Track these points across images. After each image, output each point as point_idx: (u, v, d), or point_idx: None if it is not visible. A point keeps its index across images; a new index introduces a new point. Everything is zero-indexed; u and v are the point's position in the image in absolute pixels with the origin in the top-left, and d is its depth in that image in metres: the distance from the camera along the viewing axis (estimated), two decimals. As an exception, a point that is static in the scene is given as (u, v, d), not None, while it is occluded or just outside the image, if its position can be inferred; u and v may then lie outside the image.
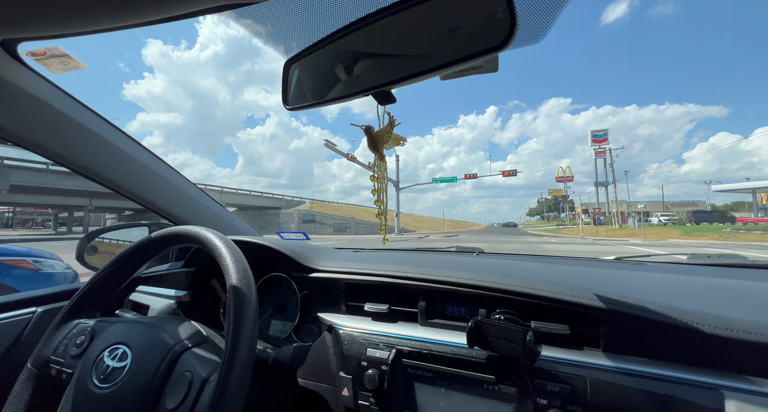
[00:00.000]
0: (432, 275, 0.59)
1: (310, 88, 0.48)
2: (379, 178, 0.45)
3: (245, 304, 0.47)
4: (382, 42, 0.40)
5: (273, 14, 0.48)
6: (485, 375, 0.49)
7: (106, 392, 0.47)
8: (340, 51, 0.43)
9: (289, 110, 0.49)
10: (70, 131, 0.67)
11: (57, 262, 3.07)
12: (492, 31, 0.30)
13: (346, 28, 0.40)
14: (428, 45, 0.36)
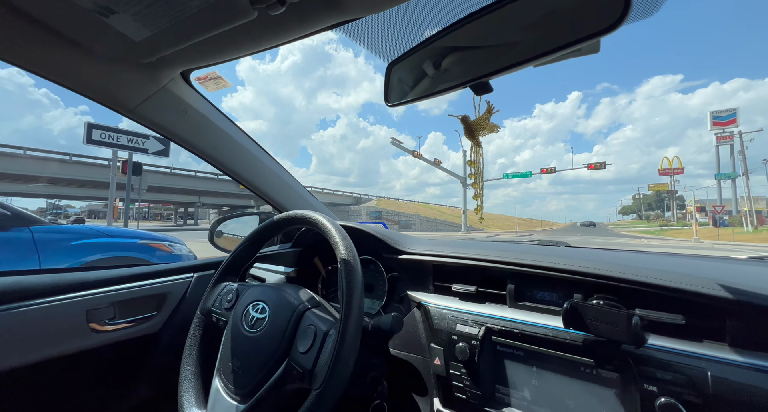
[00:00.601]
0: (523, 259, 0.61)
1: (411, 85, 0.54)
2: (476, 164, 0.49)
3: (354, 273, 0.56)
4: (480, 37, 0.44)
5: (378, 26, 0.55)
6: (582, 358, 0.49)
7: (255, 335, 0.61)
8: (439, 50, 0.48)
9: (390, 106, 0.57)
10: (217, 136, 0.86)
11: (183, 246, 3.82)
12: (601, 12, 0.31)
13: (445, 30, 0.45)
14: (529, 35, 0.39)
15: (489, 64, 0.42)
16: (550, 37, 0.36)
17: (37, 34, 0.54)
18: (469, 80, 0.44)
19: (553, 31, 0.36)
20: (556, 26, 0.36)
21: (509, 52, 0.41)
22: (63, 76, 0.64)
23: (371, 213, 33.55)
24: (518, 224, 49.79)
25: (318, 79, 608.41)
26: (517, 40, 0.40)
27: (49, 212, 43.31)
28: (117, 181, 11.01)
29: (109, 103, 0.70)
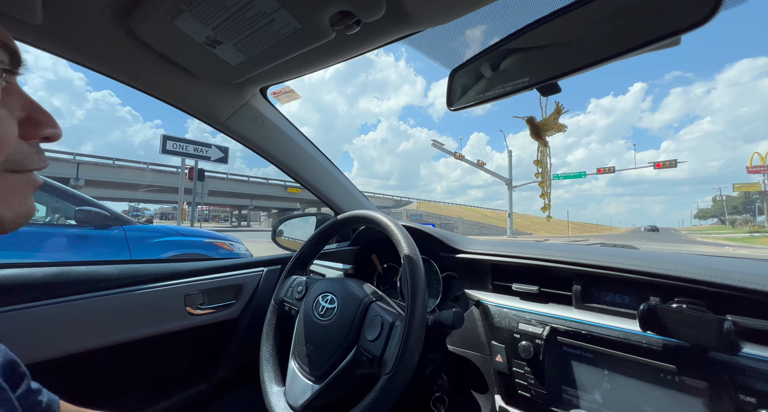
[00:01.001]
0: (591, 260, 0.59)
1: (474, 89, 0.56)
2: (543, 163, 0.50)
3: (418, 268, 0.59)
4: (551, 39, 0.45)
5: (442, 34, 0.59)
6: (662, 363, 0.47)
7: (326, 323, 0.67)
8: (504, 53, 0.50)
9: (452, 111, 0.59)
10: (287, 144, 0.95)
11: (240, 245, 4.18)
12: (691, 3, 0.30)
13: (513, 35, 0.47)
14: (606, 34, 0.39)
15: (558, 66, 0.43)
16: (629, 34, 0.36)
17: (154, 62, 0.66)
18: (537, 82, 0.45)
19: (633, 29, 0.36)
20: (637, 23, 0.36)
21: (582, 53, 0.41)
22: (170, 95, 0.76)
23: (412, 216, 33.43)
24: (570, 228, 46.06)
25: (359, 84, 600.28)
26: (592, 39, 0.41)
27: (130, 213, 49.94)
28: (185, 186, 12.33)
29: (205, 118, 0.82)
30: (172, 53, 0.63)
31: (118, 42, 0.60)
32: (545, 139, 0.49)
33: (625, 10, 0.36)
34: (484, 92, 0.53)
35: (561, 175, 31.32)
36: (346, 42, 0.58)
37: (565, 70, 0.42)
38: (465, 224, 35.19)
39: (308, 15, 0.50)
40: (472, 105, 0.56)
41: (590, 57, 0.39)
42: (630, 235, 48.66)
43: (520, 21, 0.45)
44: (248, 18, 0.52)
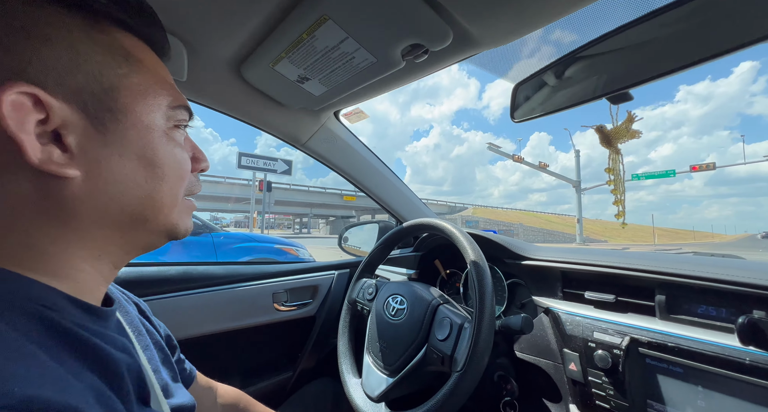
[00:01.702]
0: (676, 269, 0.56)
1: (539, 101, 0.58)
2: (615, 171, 0.50)
3: (485, 273, 0.62)
4: (622, 47, 0.46)
5: (505, 52, 0.62)
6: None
7: (397, 322, 0.73)
8: (572, 65, 0.51)
9: (516, 122, 0.62)
10: (356, 159, 1.06)
11: (305, 251, 4.52)
12: (753, 18, 0.30)
13: (581, 48, 0.49)
14: (664, 49, 0.39)
15: (631, 74, 0.44)
16: (687, 50, 0.36)
17: (254, 97, 0.81)
18: (607, 92, 0.46)
19: (690, 46, 0.36)
20: (694, 41, 0.36)
21: (656, 61, 0.42)
22: (263, 123, 0.92)
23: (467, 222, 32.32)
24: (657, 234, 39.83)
25: (411, 92, 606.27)
26: (670, 48, 0.41)
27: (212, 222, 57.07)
28: (255, 197, 13.73)
29: (289, 140, 0.97)
30: (269, 90, 0.77)
31: (228, 85, 0.76)
32: (617, 147, 0.49)
33: (713, 11, 0.36)
34: (549, 104, 0.55)
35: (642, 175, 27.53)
36: (414, 68, 0.65)
37: (638, 79, 0.42)
38: (527, 230, 32.85)
39: (383, 50, 0.58)
40: (537, 117, 0.58)
41: (668, 65, 0.39)
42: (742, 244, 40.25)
43: (587, 35, 0.47)
44: (333, 58, 0.62)
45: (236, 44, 0.64)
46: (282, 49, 0.61)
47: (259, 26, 0.58)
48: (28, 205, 0.24)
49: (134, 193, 0.29)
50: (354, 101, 0.85)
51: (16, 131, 0.22)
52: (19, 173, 0.24)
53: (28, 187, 0.24)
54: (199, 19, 0.58)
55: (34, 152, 0.23)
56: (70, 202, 0.26)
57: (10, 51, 0.23)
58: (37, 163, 0.23)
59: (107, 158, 0.27)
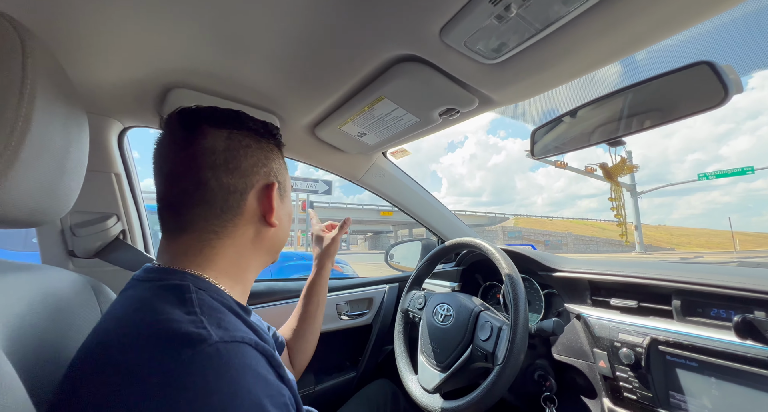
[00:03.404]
0: (685, 276, 0.65)
1: (552, 142, 0.73)
2: (617, 199, 0.62)
3: (518, 283, 0.75)
4: (609, 109, 0.60)
5: (521, 105, 0.78)
6: None
7: (445, 326, 0.87)
8: (576, 118, 0.66)
9: (535, 159, 0.76)
10: (401, 188, 1.25)
11: (348, 267, 4.76)
12: (707, 95, 0.44)
13: (580, 107, 0.63)
14: (650, 108, 0.53)
15: (620, 128, 0.57)
16: (669, 110, 0.49)
17: (321, 147, 1.03)
18: (604, 139, 0.60)
19: (666, 108, 0.49)
20: (668, 105, 0.49)
21: (637, 121, 0.55)
22: (328, 165, 1.15)
23: (509, 233, 30.96)
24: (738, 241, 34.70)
25: None
26: (644, 113, 0.54)
27: (258, 241, 60.53)
28: (298, 217, 14.52)
29: (348, 177, 1.18)
30: (335, 143, 0.99)
31: (304, 141, 0.99)
32: (617, 181, 0.61)
33: (661, 93, 0.50)
34: (560, 146, 0.69)
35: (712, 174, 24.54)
36: (447, 122, 0.83)
37: (628, 131, 0.55)
38: (576, 239, 30.58)
39: (425, 114, 0.77)
40: (552, 155, 0.72)
41: (641, 125, 0.52)
42: None
43: (588, 94, 0.61)
44: (386, 120, 0.82)
45: (314, 114, 0.86)
46: (348, 117, 0.83)
47: (332, 103, 0.80)
48: (249, 241, 0.46)
49: (283, 235, 0.50)
50: (400, 144, 1.04)
51: (272, 204, 0.46)
52: (251, 224, 0.45)
53: (252, 231, 0.46)
54: (290, 102, 0.81)
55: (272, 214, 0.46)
56: (267, 240, 0.47)
57: (267, 165, 0.46)
58: (270, 219, 0.46)
59: (282, 217, 0.48)
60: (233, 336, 0.33)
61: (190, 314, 0.33)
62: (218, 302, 0.38)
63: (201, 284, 0.39)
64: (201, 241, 0.42)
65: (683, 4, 0.42)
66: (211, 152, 0.42)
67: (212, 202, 0.42)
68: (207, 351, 0.30)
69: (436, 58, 0.60)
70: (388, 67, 0.65)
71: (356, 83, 0.72)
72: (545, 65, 0.58)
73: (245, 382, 0.30)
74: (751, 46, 37.69)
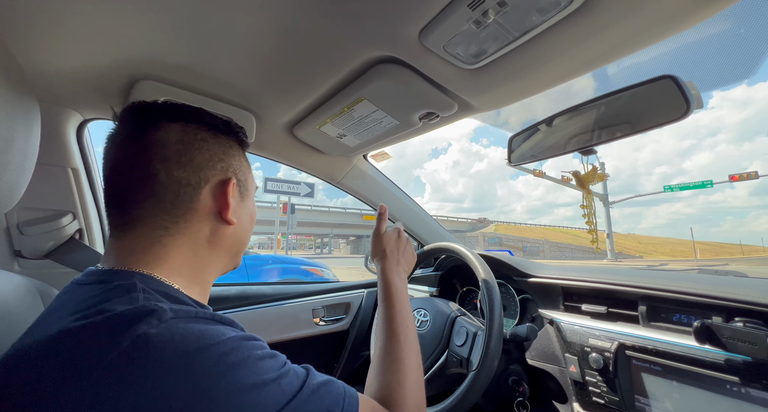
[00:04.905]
0: (650, 283, 0.68)
1: (529, 150, 0.74)
2: (588, 206, 0.64)
3: (493, 289, 0.76)
4: (582, 119, 0.61)
5: (499, 111, 0.79)
6: (727, 376, 0.54)
7: (422, 332, 0.86)
8: (551, 126, 0.67)
9: (511, 166, 0.77)
10: (381, 191, 1.24)
11: (329, 271, 4.69)
12: (671, 108, 0.46)
13: (555, 115, 0.65)
14: (618, 121, 0.55)
15: (592, 138, 0.59)
16: (635, 122, 0.51)
17: (300, 148, 1.01)
18: (577, 148, 0.61)
19: (636, 118, 0.51)
20: (638, 116, 0.51)
21: (607, 131, 0.57)
22: (306, 166, 1.12)
23: (489, 239, 31.61)
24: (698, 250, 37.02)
25: None
26: (613, 124, 0.56)
27: (236, 243, 58.74)
28: (279, 219, 14.26)
29: (327, 179, 1.16)
30: (314, 143, 0.97)
31: (283, 141, 0.97)
32: (588, 189, 0.63)
33: (629, 105, 0.52)
34: (536, 153, 0.70)
35: (676, 186, 26.15)
36: (428, 126, 0.83)
37: (595, 141, 0.57)
38: (553, 246, 31.62)
39: (405, 117, 0.77)
40: (528, 162, 0.73)
41: (611, 135, 0.54)
42: (796, 257, 36.73)
43: (562, 105, 0.63)
44: (366, 122, 0.81)
45: (292, 114, 0.84)
46: (327, 117, 0.81)
47: (311, 103, 0.79)
48: (204, 239, 0.43)
49: (243, 235, 0.48)
50: (380, 147, 1.04)
51: (228, 200, 0.43)
52: (206, 221, 0.43)
53: (208, 228, 0.43)
54: (267, 100, 0.79)
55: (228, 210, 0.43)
56: (224, 239, 0.45)
57: (225, 161, 0.44)
58: (226, 215, 0.43)
59: (242, 216, 0.46)
60: (188, 311, 0.33)
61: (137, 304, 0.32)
62: (172, 298, 0.36)
63: (151, 283, 0.36)
64: (150, 238, 0.39)
65: (652, 18, 0.44)
66: (162, 144, 0.40)
67: (162, 197, 0.39)
68: (165, 325, 0.29)
69: (416, 61, 0.60)
70: (368, 68, 0.65)
71: (336, 83, 0.70)
72: (523, 73, 0.59)
73: (218, 330, 0.31)
74: (709, 68, 40.46)
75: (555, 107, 0.65)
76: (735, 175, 22.67)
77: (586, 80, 0.59)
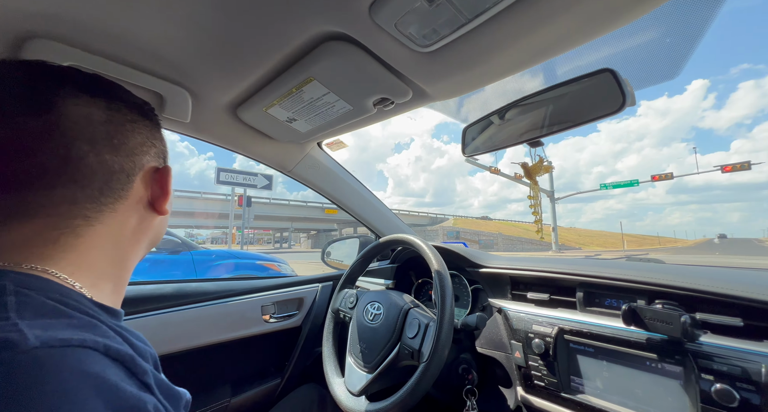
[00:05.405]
0: (588, 271, 0.72)
1: (482, 141, 0.74)
2: (535, 197, 0.65)
3: (446, 280, 0.76)
4: (531, 110, 0.62)
5: (454, 101, 0.78)
6: (647, 354, 0.59)
7: (375, 325, 0.84)
8: (503, 118, 0.68)
9: (466, 157, 0.78)
10: (337, 181, 1.19)
11: (287, 266, 4.53)
12: (609, 101, 0.48)
13: (506, 106, 0.65)
14: (562, 112, 0.56)
15: (539, 129, 0.60)
16: (578, 113, 0.53)
17: (248, 133, 0.93)
18: (526, 139, 0.62)
19: (579, 111, 0.53)
20: (580, 108, 0.53)
21: (553, 121, 0.58)
22: (254, 153, 1.03)
23: (448, 233, 32.87)
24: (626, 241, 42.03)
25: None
26: (558, 115, 0.58)
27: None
28: (234, 212, 13.47)
29: (278, 167, 1.09)
30: (262, 128, 0.89)
31: (225, 124, 0.88)
32: (535, 180, 0.65)
33: (573, 98, 0.53)
34: (488, 145, 0.71)
35: (610, 184, 29.23)
36: (384, 113, 0.80)
37: (542, 133, 0.58)
38: (505, 239, 33.79)
39: (358, 101, 0.73)
40: (481, 153, 0.73)
41: (556, 127, 0.55)
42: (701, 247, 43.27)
43: (508, 95, 0.63)
44: (317, 105, 0.76)
45: (234, 93, 0.76)
46: (274, 98, 0.74)
47: (255, 81, 0.71)
48: (129, 231, 0.39)
49: (165, 224, 0.43)
50: (335, 134, 0.99)
51: (168, 189, 0.40)
52: (135, 211, 0.39)
53: (135, 219, 0.39)
54: (204, 74, 0.70)
55: None
56: (150, 230, 0.41)
57: (157, 146, 0.41)
58: (162, 206, 0.40)
59: (166, 203, 0.41)
60: (66, 340, 0.25)
61: None
62: (58, 303, 0.29)
63: (32, 283, 0.29)
64: (58, 228, 0.33)
65: (597, 10, 0.45)
66: (86, 123, 0.34)
67: (86, 183, 0.34)
68: (17, 359, 0.22)
69: (368, 40, 0.56)
70: (317, 44, 0.60)
71: (282, 60, 0.64)
72: (476, 60, 0.58)
73: (81, 393, 0.23)
74: (640, 68, 46.68)
75: (506, 99, 0.66)
76: (656, 176, 25.91)
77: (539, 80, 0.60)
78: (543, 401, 0.70)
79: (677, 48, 2.09)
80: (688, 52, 6.08)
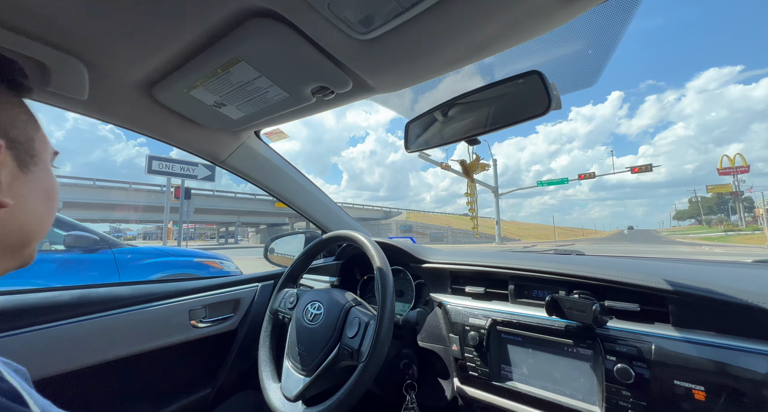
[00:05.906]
0: (518, 265, 0.76)
1: (424, 137, 0.74)
2: (472, 194, 0.67)
3: (387, 278, 0.75)
4: (470, 109, 0.63)
5: (397, 95, 0.77)
6: (565, 340, 0.64)
7: (314, 326, 0.81)
8: (444, 115, 0.68)
9: (408, 153, 0.77)
10: (278, 174, 1.11)
11: (230, 263, 4.22)
12: (537, 103, 0.50)
13: (446, 103, 0.65)
14: (496, 112, 0.57)
15: (476, 128, 0.61)
16: (510, 114, 0.55)
17: (169, 118, 0.81)
18: (464, 137, 0.63)
19: (511, 111, 0.55)
20: (512, 108, 0.55)
21: (488, 120, 0.59)
22: (180, 141, 0.92)
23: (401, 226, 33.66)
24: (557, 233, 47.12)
25: None
26: (492, 114, 0.59)
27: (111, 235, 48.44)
28: (171, 205, 12.20)
29: (208, 158, 0.98)
30: (185, 112, 0.79)
31: (138, 105, 0.76)
32: (472, 177, 0.67)
33: (506, 97, 0.55)
34: (430, 141, 0.71)
35: (545, 182, 32.25)
36: (323, 103, 0.75)
37: (479, 131, 0.59)
38: (455, 232, 35.61)
39: (294, 88, 0.67)
40: (423, 149, 0.73)
41: (490, 125, 0.57)
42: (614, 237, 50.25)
43: (451, 93, 0.63)
44: (248, 90, 0.68)
45: (147, 68, 0.65)
46: (197, 79, 0.66)
47: (173, 56, 0.62)
48: None
49: (31, 220, 0.34)
50: (274, 123, 0.91)
51: None
52: None
53: None
54: (104, 43, 0.59)
55: None
56: None
57: None
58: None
59: (26, 194, 0.32)
60: None
61: None
62: None
63: None
64: None
65: (529, 10, 0.46)
66: None
67: None
68: None
69: (299, 20, 0.51)
70: (242, 20, 0.53)
71: (203, 34, 0.56)
72: (417, 53, 0.56)
73: None
74: (565, 74, 51.94)
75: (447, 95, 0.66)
76: (582, 175, 29.28)
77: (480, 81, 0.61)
78: (476, 390, 0.73)
79: (596, 58, 2.42)
80: (603, 63, 7.08)
